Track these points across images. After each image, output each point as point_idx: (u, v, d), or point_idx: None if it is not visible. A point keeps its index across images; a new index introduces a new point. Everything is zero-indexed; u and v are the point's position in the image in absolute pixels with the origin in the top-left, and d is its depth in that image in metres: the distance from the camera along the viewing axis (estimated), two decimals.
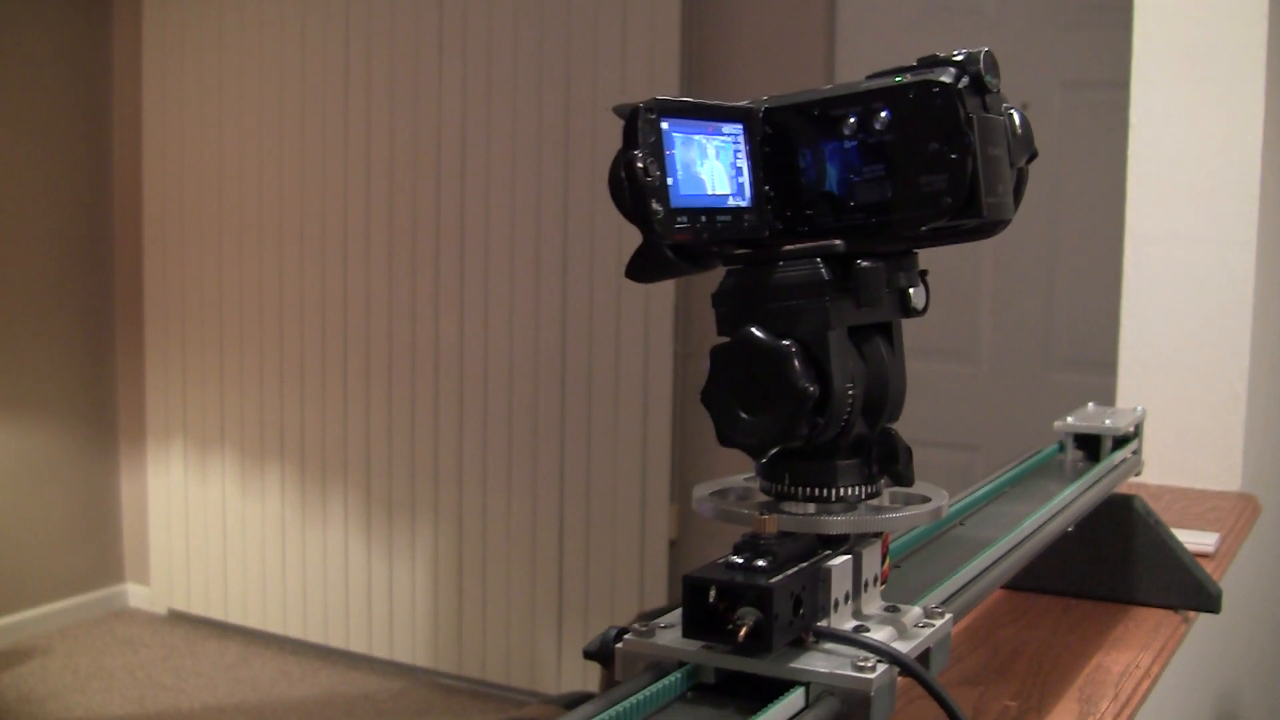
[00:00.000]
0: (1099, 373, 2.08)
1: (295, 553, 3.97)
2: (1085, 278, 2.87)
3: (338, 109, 3.75)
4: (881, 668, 0.58)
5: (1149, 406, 1.53)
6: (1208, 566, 1.21)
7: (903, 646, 0.61)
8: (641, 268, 0.59)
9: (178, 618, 4.28)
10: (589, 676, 3.47)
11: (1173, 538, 1.13)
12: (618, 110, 0.56)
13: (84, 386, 4.30)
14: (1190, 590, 1.12)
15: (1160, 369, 1.61)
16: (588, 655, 0.63)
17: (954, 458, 3.07)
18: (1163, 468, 1.59)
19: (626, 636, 0.62)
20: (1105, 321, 1.84)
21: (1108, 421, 1.13)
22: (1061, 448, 1.14)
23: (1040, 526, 0.89)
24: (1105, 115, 2.66)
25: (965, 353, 3.10)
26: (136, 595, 4.43)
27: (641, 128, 0.56)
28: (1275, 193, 1.64)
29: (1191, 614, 1.13)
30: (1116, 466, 1.11)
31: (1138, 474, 1.18)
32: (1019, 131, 0.64)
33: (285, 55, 3.83)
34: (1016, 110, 0.65)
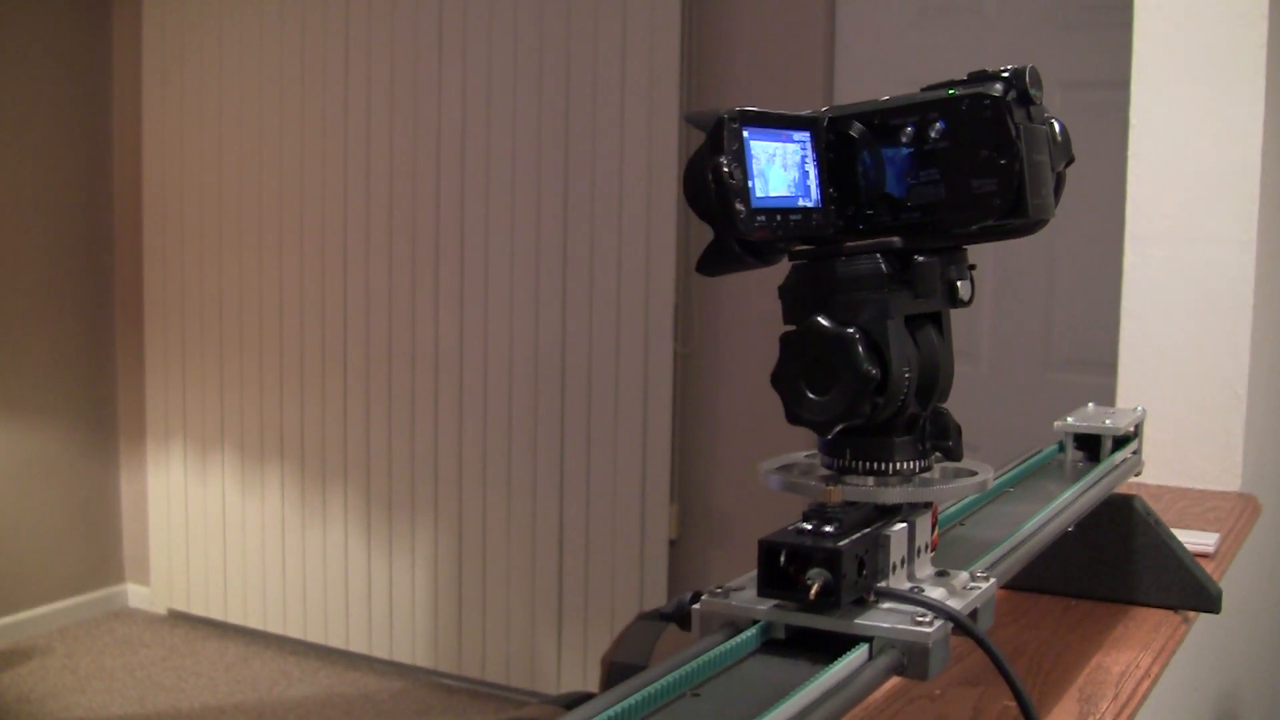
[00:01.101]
0: (1099, 373, 2.08)
1: (295, 553, 3.97)
2: (1085, 278, 2.87)
3: (338, 109, 3.74)
4: (938, 623, 0.65)
5: (1149, 406, 1.53)
6: (1208, 566, 1.21)
7: (954, 605, 0.67)
8: (712, 262, 0.65)
9: (177, 618, 4.28)
10: (589, 676, 3.47)
11: (1173, 538, 1.13)
12: (691, 118, 0.63)
13: (84, 386, 4.30)
14: (1190, 590, 1.12)
15: (1160, 369, 1.61)
16: (664, 617, 0.74)
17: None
18: (1163, 468, 1.59)
19: (703, 598, 0.67)
20: (1105, 321, 1.84)
21: (1108, 421, 1.13)
22: (1061, 448, 1.14)
23: (1040, 527, 0.91)
24: (1105, 115, 2.66)
25: (965, 352, 3.10)
26: (136, 595, 4.43)
27: (727, 135, 0.62)
28: (1275, 193, 1.64)
29: (1191, 614, 1.13)
30: (1116, 467, 1.11)
31: (1138, 474, 1.18)
32: (1059, 139, 0.71)
33: (285, 55, 3.83)
34: (1056, 120, 0.71)
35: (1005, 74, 0.67)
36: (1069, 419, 1.14)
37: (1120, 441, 1.13)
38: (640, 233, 3.32)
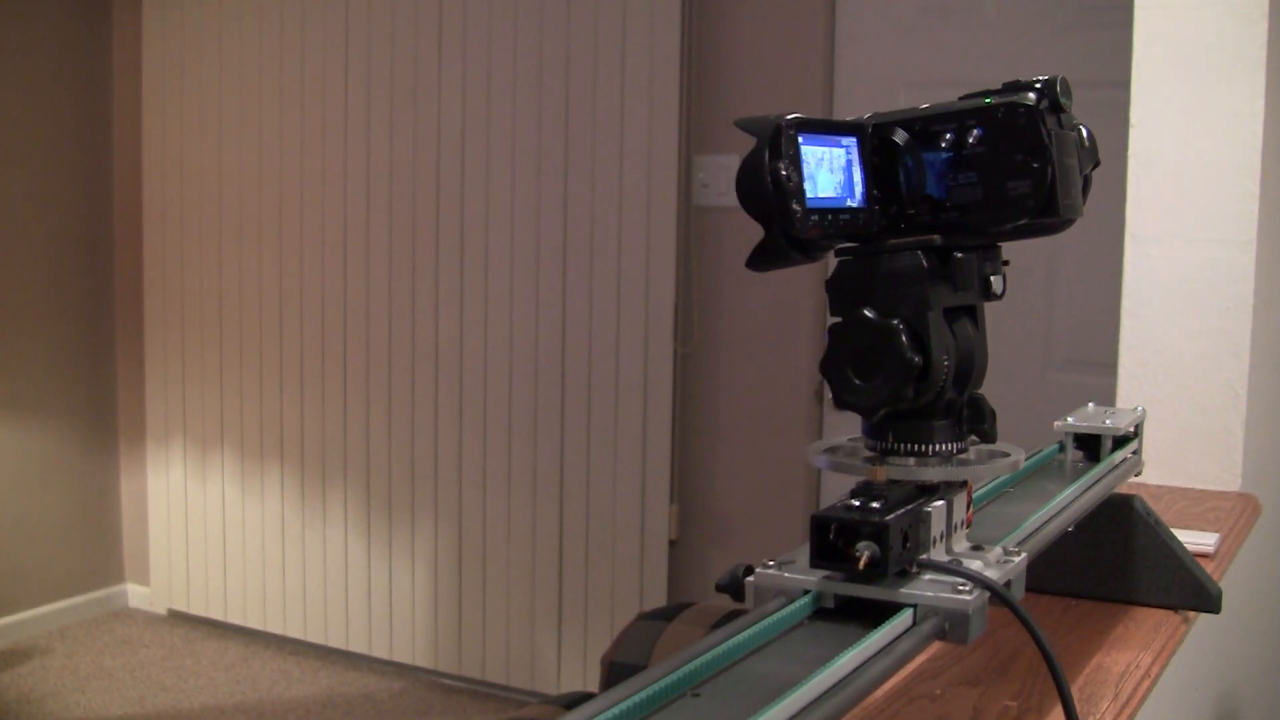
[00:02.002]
0: (1099, 373, 2.08)
1: (295, 553, 3.97)
2: (1085, 278, 2.87)
3: (337, 109, 3.75)
4: (976, 592, 0.70)
5: (1149, 406, 1.53)
6: (1208, 566, 1.21)
7: (990, 576, 0.73)
8: (762, 259, 0.70)
9: (177, 618, 4.28)
10: (589, 676, 3.47)
11: (1173, 538, 1.13)
12: (742, 124, 0.68)
13: (84, 387, 4.30)
14: (1190, 590, 1.12)
15: (1160, 369, 1.61)
16: (719, 588, 0.75)
17: None
18: (1163, 468, 1.59)
19: (758, 570, 0.73)
20: (1105, 321, 1.84)
21: (1108, 421, 1.13)
22: (1061, 448, 1.14)
23: (1040, 527, 0.92)
24: (1105, 115, 2.66)
25: None
26: (136, 595, 4.43)
27: (784, 141, 0.67)
28: (1275, 193, 1.64)
29: (1191, 614, 1.13)
30: (1116, 467, 1.11)
31: (1138, 474, 1.18)
32: (1086, 144, 0.77)
33: (285, 55, 3.83)
34: (1084, 126, 0.77)
35: (1038, 84, 0.72)
36: (1069, 419, 1.14)
37: (1120, 441, 1.13)
38: (640, 233, 3.32)
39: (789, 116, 0.68)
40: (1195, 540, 1.30)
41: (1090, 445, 1.12)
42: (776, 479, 3.32)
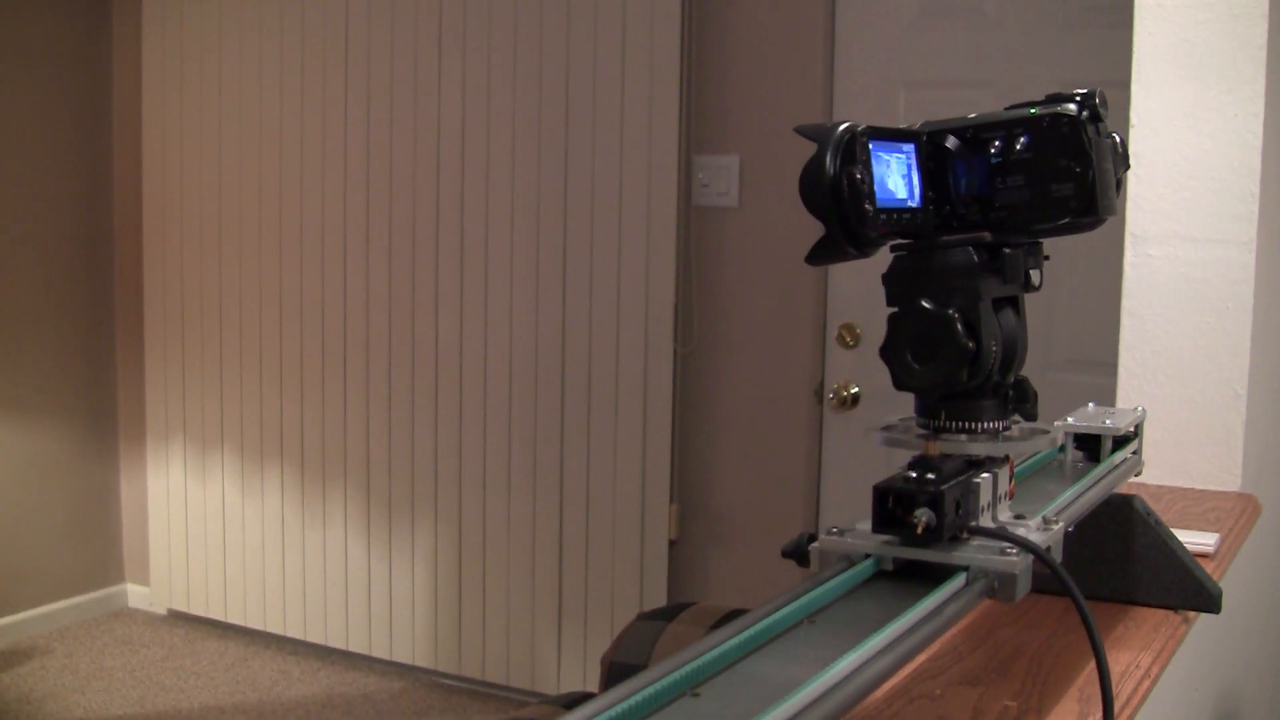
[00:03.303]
0: (1099, 373, 2.09)
1: (295, 553, 3.97)
2: (1085, 278, 2.87)
3: (337, 109, 3.75)
4: (1022, 555, 0.77)
5: (1149, 406, 1.53)
6: (1208, 566, 1.21)
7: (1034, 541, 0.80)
8: (821, 254, 0.76)
9: (178, 618, 4.28)
10: (589, 676, 3.47)
11: (1173, 538, 1.13)
12: (802, 130, 0.75)
13: (84, 387, 4.30)
14: (1190, 590, 1.12)
15: (1160, 369, 1.61)
16: (785, 555, 0.82)
17: None
18: (1163, 468, 1.59)
19: (822, 537, 0.80)
20: (1105, 321, 1.84)
21: (1108, 421, 1.13)
22: (1061, 448, 1.14)
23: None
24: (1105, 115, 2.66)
25: None
26: (136, 595, 4.43)
27: (858, 147, 0.74)
28: (1275, 193, 1.64)
29: (1191, 614, 1.13)
30: (1117, 467, 1.11)
31: (1138, 474, 1.18)
32: (1119, 150, 0.85)
33: (285, 55, 3.84)
34: (1116, 134, 0.84)
35: (1078, 96, 0.80)
36: (1069, 419, 1.14)
37: (1120, 441, 1.13)
38: (640, 233, 3.32)
39: (861, 125, 0.74)
40: (1195, 540, 1.30)
41: (1090, 445, 1.12)
42: (776, 479, 3.32)
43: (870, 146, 0.75)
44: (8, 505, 4.06)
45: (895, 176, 0.77)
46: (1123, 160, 0.85)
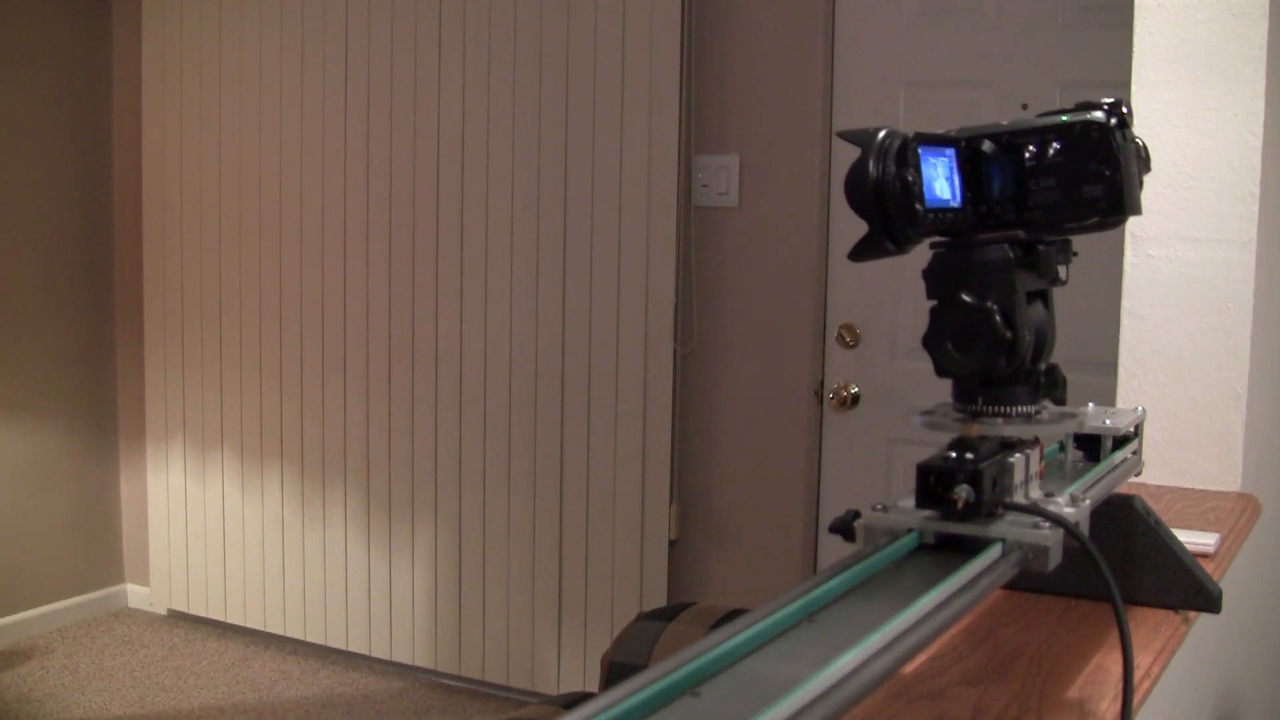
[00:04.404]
0: (1099, 373, 2.08)
1: (295, 553, 3.97)
2: (1085, 278, 2.87)
3: (337, 109, 3.75)
4: (1053, 529, 0.82)
5: (1149, 406, 1.53)
6: (1208, 566, 1.21)
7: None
8: (864, 251, 0.80)
9: (177, 618, 4.28)
10: (589, 676, 3.47)
11: (1173, 538, 1.13)
12: (845, 135, 0.80)
13: (84, 387, 4.30)
14: (1190, 590, 1.12)
15: (1160, 369, 1.61)
16: (833, 530, 0.86)
17: None
18: (1163, 468, 1.59)
19: (866, 513, 0.85)
20: (1105, 321, 1.84)
21: (1108, 421, 1.13)
22: (1061, 448, 1.14)
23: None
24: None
25: None
26: (136, 595, 4.43)
27: (909, 152, 0.79)
28: (1275, 193, 1.64)
29: (1191, 614, 1.13)
30: (1116, 467, 1.11)
31: (1138, 474, 1.18)
32: (1142, 154, 0.90)
33: (285, 55, 3.83)
34: (1140, 139, 0.89)
35: (1105, 105, 0.85)
36: None
37: (1120, 441, 1.13)
38: (640, 233, 3.32)
39: (913, 132, 0.80)
40: (1195, 540, 1.30)
41: (1090, 445, 1.12)
42: (776, 479, 3.32)
43: (920, 151, 0.81)
44: (8, 505, 4.06)
45: (941, 179, 0.83)
46: (1145, 163, 0.90)
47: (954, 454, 0.82)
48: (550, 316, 3.47)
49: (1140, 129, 1.59)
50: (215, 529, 4.12)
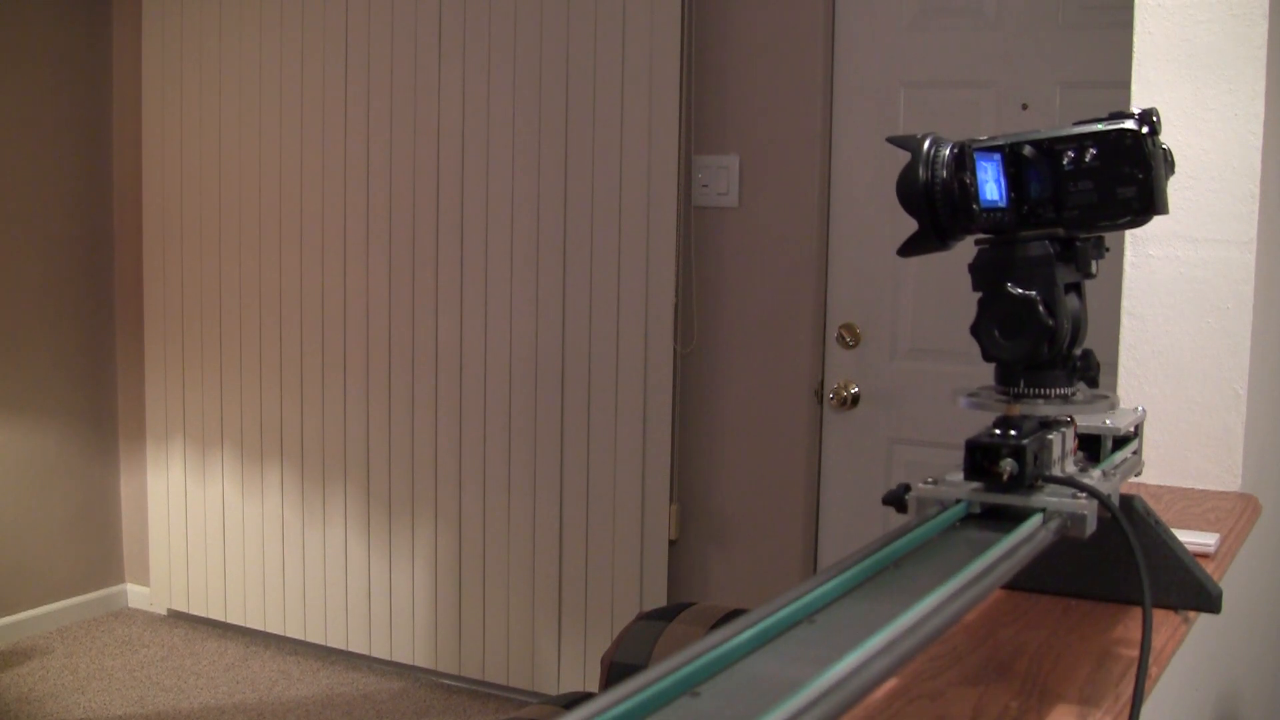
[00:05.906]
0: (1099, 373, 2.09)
1: (295, 553, 3.97)
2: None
3: (337, 109, 3.75)
4: (1089, 500, 0.90)
5: (1149, 406, 1.53)
6: (1208, 566, 1.21)
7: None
8: (912, 247, 0.90)
9: (177, 618, 4.28)
10: (589, 676, 3.47)
11: (1173, 538, 1.13)
12: (895, 140, 0.90)
13: (84, 387, 4.30)
14: (1190, 590, 1.12)
15: (1160, 369, 1.61)
16: (885, 502, 0.95)
17: (956, 458, 3.07)
18: (1163, 468, 1.59)
19: (917, 486, 0.93)
20: (1105, 321, 1.84)
21: (1108, 421, 1.13)
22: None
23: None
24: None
25: (965, 353, 3.09)
26: (136, 595, 4.43)
27: (966, 157, 0.88)
28: (1275, 193, 1.64)
29: (1191, 614, 1.13)
30: (1117, 467, 1.11)
31: (1138, 474, 1.18)
32: (1168, 159, 0.96)
33: (285, 55, 3.84)
34: (1166, 145, 0.96)
35: (1137, 114, 0.92)
36: None
37: (1120, 441, 1.13)
38: (640, 233, 3.32)
39: (970, 140, 0.90)
40: (1195, 540, 1.30)
41: (1090, 445, 1.12)
42: (776, 479, 3.32)
43: (975, 157, 0.90)
44: (8, 505, 4.06)
45: (990, 182, 0.91)
46: (1170, 167, 0.97)
47: (999, 431, 0.90)
48: (550, 316, 3.47)
49: None
50: (215, 529, 4.12)
